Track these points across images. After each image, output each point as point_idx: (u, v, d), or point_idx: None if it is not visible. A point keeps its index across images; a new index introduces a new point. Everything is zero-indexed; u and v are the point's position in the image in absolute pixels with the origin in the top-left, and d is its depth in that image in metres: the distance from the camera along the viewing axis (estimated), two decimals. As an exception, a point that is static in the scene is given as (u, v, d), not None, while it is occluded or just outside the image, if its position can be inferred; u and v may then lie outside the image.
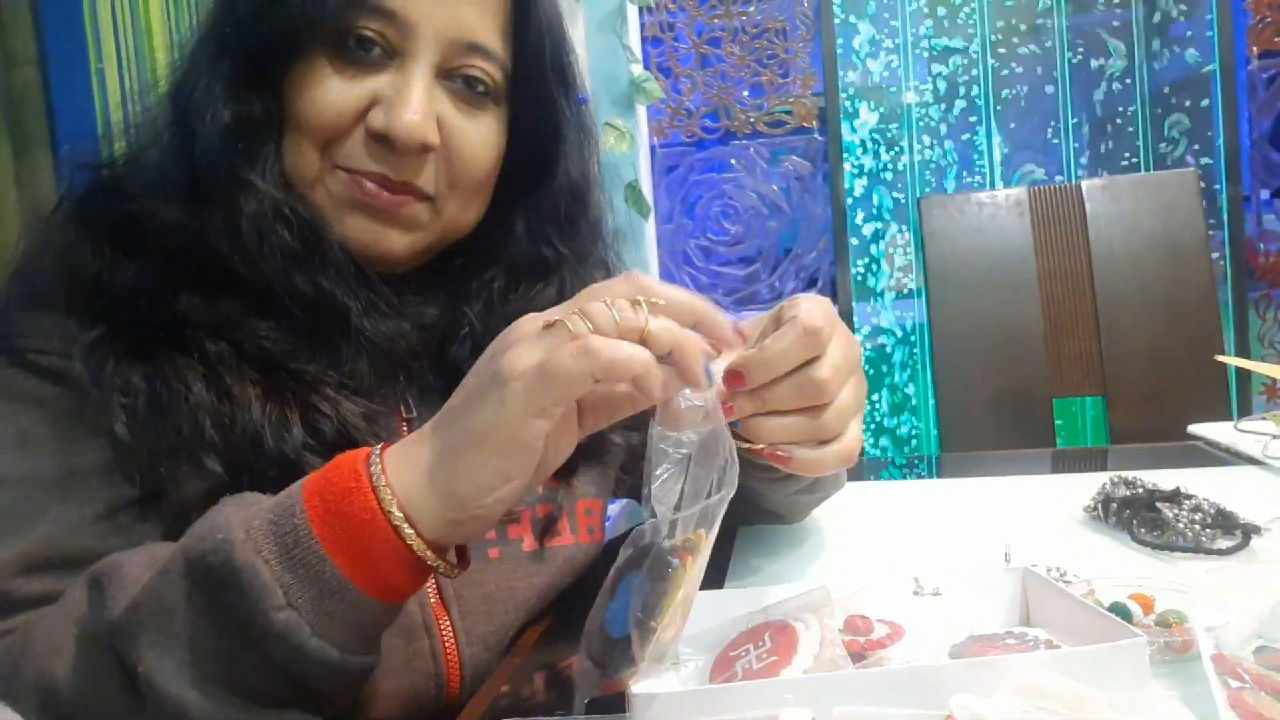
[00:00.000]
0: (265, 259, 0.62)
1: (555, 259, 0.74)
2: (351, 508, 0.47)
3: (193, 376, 0.60)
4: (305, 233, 0.63)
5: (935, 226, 1.55)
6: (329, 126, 0.63)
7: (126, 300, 0.61)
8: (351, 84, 0.63)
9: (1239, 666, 0.45)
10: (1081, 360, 1.51)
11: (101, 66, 2.57)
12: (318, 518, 0.47)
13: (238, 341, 0.62)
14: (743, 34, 2.71)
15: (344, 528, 0.46)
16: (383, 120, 0.63)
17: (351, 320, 0.64)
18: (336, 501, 0.47)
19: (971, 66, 2.65)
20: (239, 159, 0.63)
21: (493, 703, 0.57)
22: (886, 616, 0.55)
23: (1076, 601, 0.52)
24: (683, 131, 2.76)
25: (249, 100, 0.63)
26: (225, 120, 0.63)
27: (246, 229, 0.62)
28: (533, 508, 0.72)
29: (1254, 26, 2.52)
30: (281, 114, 0.64)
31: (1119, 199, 1.52)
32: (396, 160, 0.64)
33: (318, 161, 0.65)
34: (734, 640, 0.53)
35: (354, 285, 0.65)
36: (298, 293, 0.63)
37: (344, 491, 0.47)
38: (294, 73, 0.64)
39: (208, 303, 0.62)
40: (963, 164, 2.67)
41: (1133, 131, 2.59)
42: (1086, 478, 0.97)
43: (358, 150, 0.64)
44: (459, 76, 0.66)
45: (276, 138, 0.64)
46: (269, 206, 0.63)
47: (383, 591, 0.48)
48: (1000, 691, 0.43)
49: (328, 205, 0.66)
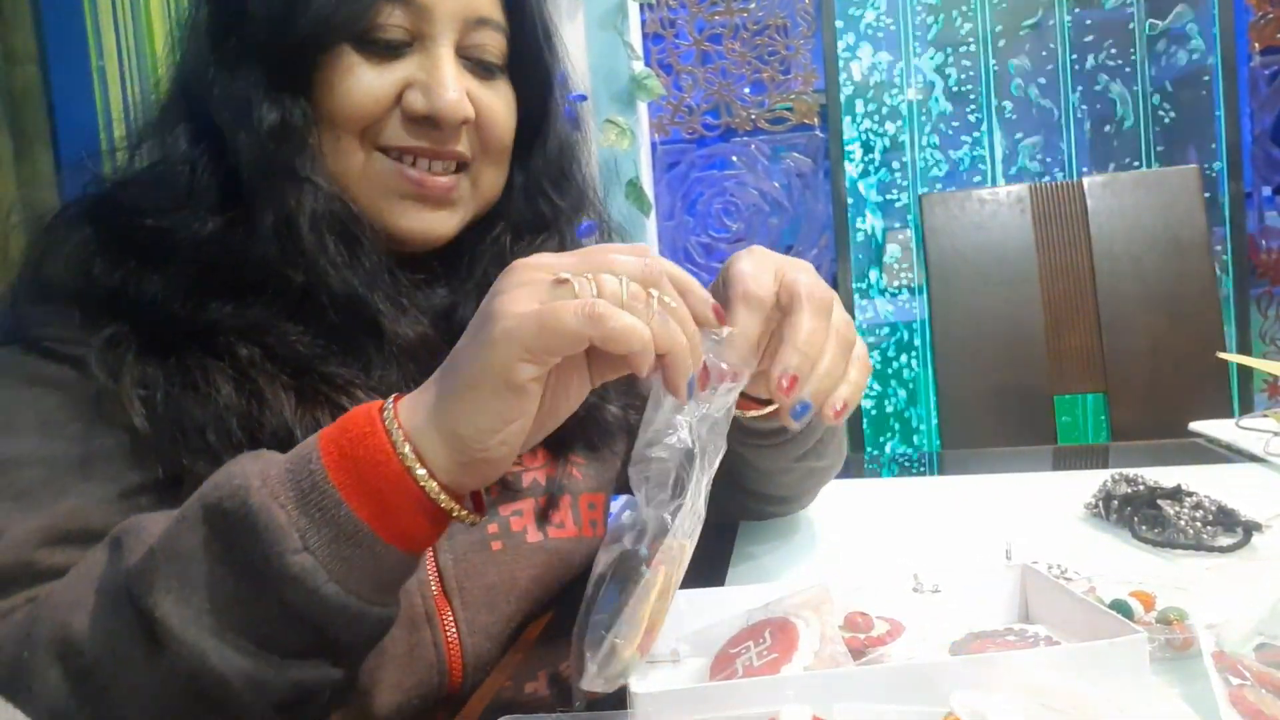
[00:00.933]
0: (319, 258, 0.63)
1: (553, 213, 0.77)
2: (366, 451, 0.46)
3: (222, 379, 0.60)
4: (354, 231, 0.65)
5: (936, 223, 1.55)
6: (367, 114, 0.66)
7: (147, 305, 0.62)
8: (382, 71, 0.66)
9: (1240, 663, 0.45)
10: (1083, 357, 1.51)
11: (102, 64, 2.57)
12: (333, 463, 0.47)
13: (269, 345, 0.63)
14: (744, 30, 2.70)
15: (359, 471, 0.46)
16: (423, 102, 0.66)
17: (384, 325, 0.65)
18: (351, 447, 0.47)
19: (973, 63, 2.64)
20: (292, 159, 0.64)
21: (495, 697, 0.57)
22: (887, 613, 0.55)
23: (1076, 598, 0.52)
24: (684, 128, 2.75)
25: (288, 102, 0.65)
26: (272, 122, 0.64)
27: (305, 229, 0.63)
28: (536, 499, 0.72)
29: (1255, 23, 2.52)
30: (315, 114, 0.66)
31: (1120, 196, 1.52)
32: (439, 135, 0.67)
33: (359, 152, 0.67)
34: (734, 637, 0.53)
35: (387, 287, 0.66)
36: (338, 295, 0.64)
37: (358, 437, 0.47)
38: (323, 69, 0.65)
39: (236, 309, 0.63)
40: (964, 161, 2.67)
41: (1134, 128, 2.59)
42: (1087, 475, 0.97)
43: (397, 131, 0.66)
44: (474, 52, 0.69)
45: (316, 137, 0.66)
46: (326, 204, 0.64)
47: (399, 538, 0.48)
48: (1001, 688, 0.43)
49: (375, 196, 0.67)
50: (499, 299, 0.46)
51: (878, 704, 0.44)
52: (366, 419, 0.48)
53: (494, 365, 0.45)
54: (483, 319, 0.47)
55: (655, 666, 0.55)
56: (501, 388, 0.45)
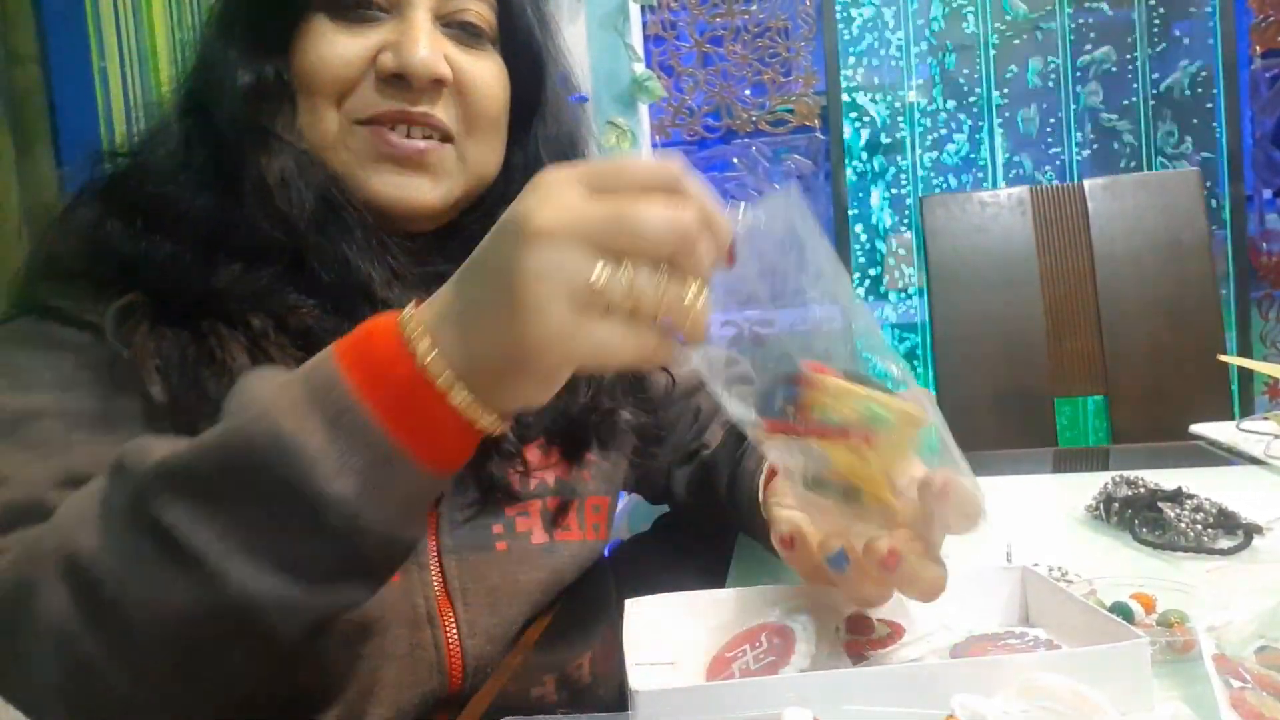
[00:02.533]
0: (296, 217, 0.63)
1: None
2: (396, 373, 0.44)
3: (238, 348, 0.60)
4: (333, 194, 0.65)
5: (937, 226, 1.55)
6: (339, 78, 0.66)
7: (159, 274, 0.62)
8: (356, 37, 0.66)
9: (1240, 666, 0.45)
10: (1083, 360, 1.51)
11: (103, 64, 2.57)
12: (362, 383, 0.45)
13: (278, 315, 0.63)
14: (745, 33, 2.70)
15: (391, 393, 0.44)
16: (393, 60, 0.65)
17: (377, 291, 0.64)
18: (380, 368, 0.45)
19: (974, 64, 2.64)
20: (264, 120, 0.65)
21: (496, 698, 0.57)
22: (887, 616, 0.55)
23: (1077, 601, 0.52)
24: (685, 130, 2.75)
25: (261, 66, 0.66)
26: (246, 84, 0.65)
27: (275, 185, 0.63)
28: (545, 501, 0.72)
29: (1256, 26, 2.52)
30: (292, 81, 0.66)
31: (1121, 198, 1.52)
32: (411, 96, 0.66)
33: (336, 120, 0.67)
34: (730, 641, 0.53)
35: (376, 252, 0.66)
36: (326, 256, 0.64)
37: (387, 358, 0.45)
38: (299, 36, 0.66)
39: (241, 275, 0.63)
40: (965, 163, 2.67)
41: (1135, 130, 2.59)
42: (1088, 477, 0.97)
43: (370, 96, 0.66)
44: (455, 22, 0.69)
45: (291, 103, 0.66)
46: (296, 163, 0.65)
47: (433, 459, 0.46)
48: (1001, 691, 0.43)
49: (352, 164, 0.67)
50: (528, 270, 0.41)
51: (878, 706, 0.44)
52: (392, 337, 0.45)
53: (537, 364, 0.43)
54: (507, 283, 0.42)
55: (651, 669, 0.55)
56: (521, 304, 0.42)
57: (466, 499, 0.68)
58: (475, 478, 0.68)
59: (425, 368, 0.44)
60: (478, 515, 0.68)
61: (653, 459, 0.84)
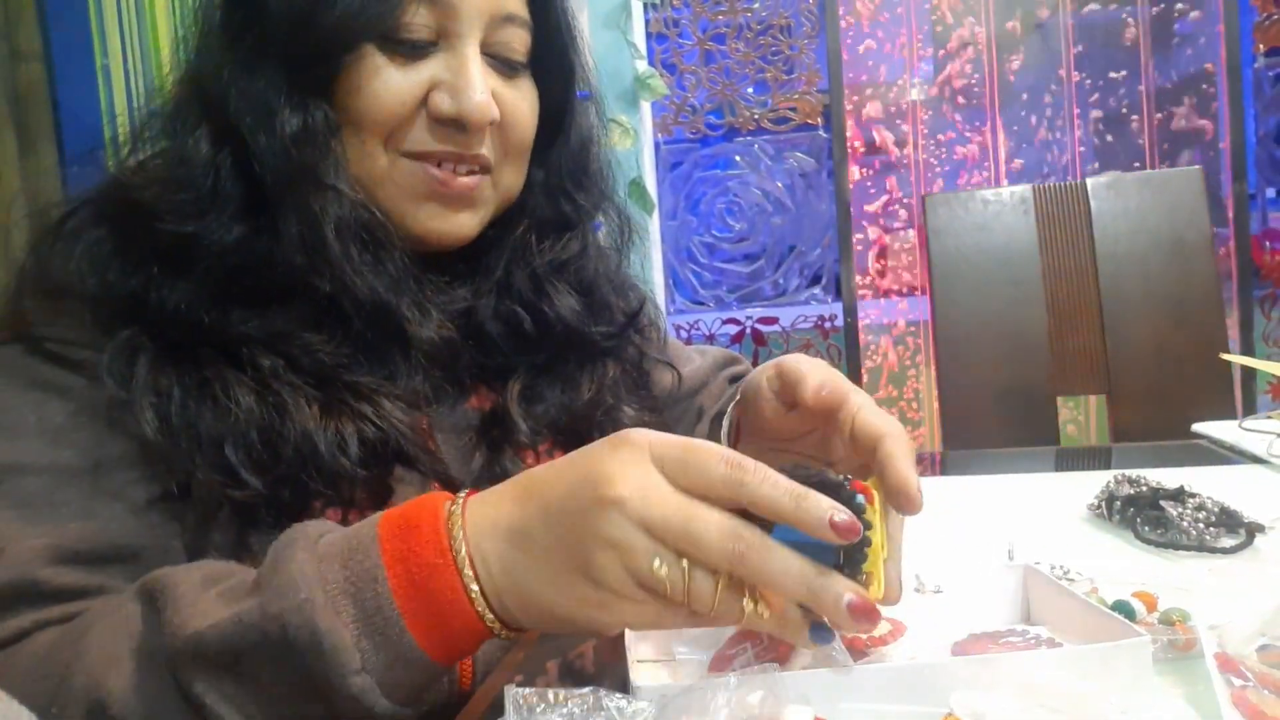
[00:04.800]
0: (344, 266, 0.62)
1: (575, 211, 0.76)
2: (437, 585, 0.46)
3: (243, 390, 0.59)
4: (379, 237, 0.64)
5: (940, 224, 1.55)
6: (393, 117, 0.64)
7: (168, 313, 0.60)
8: (408, 71, 0.64)
9: (1242, 665, 0.45)
10: (1086, 358, 1.50)
11: (106, 62, 2.57)
12: (400, 588, 0.46)
13: (292, 356, 0.62)
14: (747, 30, 2.70)
15: (427, 604, 0.46)
16: (450, 104, 0.64)
17: (409, 330, 0.64)
18: (423, 577, 0.46)
19: (977, 63, 2.64)
20: (316, 165, 0.62)
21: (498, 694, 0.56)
22: (888, 613, 0.55)
23: (1078, 599, 0.52)
24: (687, 128, 2.75)
25: (310, 105, 0.63)
26: (294, 127, 0.62)
27: (331, 236, 0.62)
28: None
29: (1260, 24, 2.51)
30: (338, 116, 0.64)
31: (1124, 197, 1.52)
32: (465, 138, 0.66)
33: (383, 156, 0.65)
34: (731, 639, 0.53)
35: (413, 292, 0.65)
36: (364, 303, 0.63)
37: (429, 568, 0.46)
38: (346, 71, 0.63)
39: (260, 318, 0.62)
40: (967, 161, 2.66)
41: (1138, 128, 2.58)
42: (1090, 475, 0.97)
43: (422, 135, 0.65)
44: (499, 50, 0.68)
45: (338, 139, 0.64)
46: (351, 211, 0.63)
47: (449, 658, 0.48)
48: (1001, 689, 0.43)
49: (399, 199, 0.66)
50: (599, 533, 0.43)
51: (879, 704, 0.44)
52: (436, 547, 0.46)
53: (573, 616, 0.45)
54: (573, 538, 0.44)
55: (654, 665, 0.55)
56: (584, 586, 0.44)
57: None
58: (490, 475, 0.68)
59: (470, 598, 0.46)
60: None
61: None
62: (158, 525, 0.59)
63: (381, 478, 0.62)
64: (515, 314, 0.72)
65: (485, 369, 0.72)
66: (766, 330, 2.79)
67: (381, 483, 0.62)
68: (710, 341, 2.82)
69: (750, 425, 0.70)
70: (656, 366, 0.84)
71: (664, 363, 0.85)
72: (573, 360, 0.74)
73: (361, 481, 0.61)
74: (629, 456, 0.44)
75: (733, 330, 2.81)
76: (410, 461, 0.63)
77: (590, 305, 0.76)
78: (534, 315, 0.72)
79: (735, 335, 2.80)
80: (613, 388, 0.76)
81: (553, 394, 0.73)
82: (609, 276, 0.79)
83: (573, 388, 0.73)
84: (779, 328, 2.78)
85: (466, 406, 0.71)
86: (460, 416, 0.70)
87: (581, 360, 0.75)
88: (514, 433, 0.69)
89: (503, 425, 0.70)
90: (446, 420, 0.70)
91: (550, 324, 0.72)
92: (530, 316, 0.72)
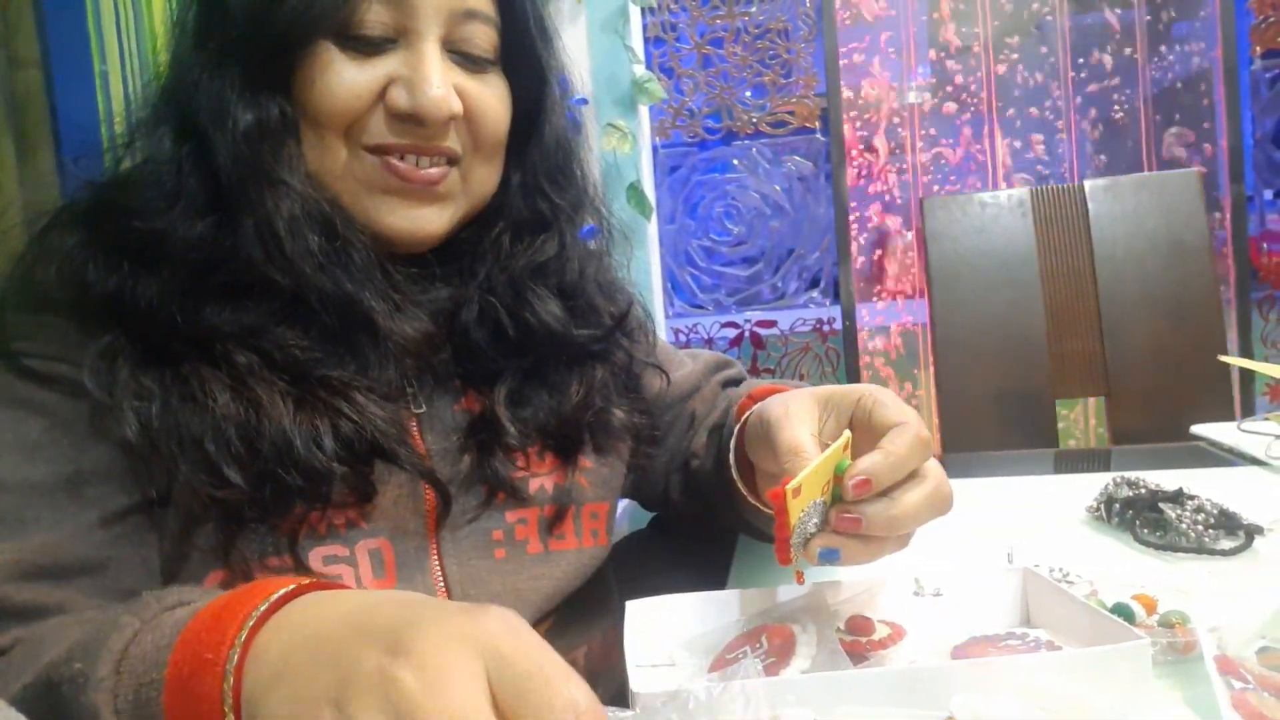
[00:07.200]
0: (302, 261, 0.62)
1: (552, 212, 0.76)
2: (201, 687, 0.41)
3: (219, 387, 0.59)
4: (338, 231, 0.64)
5: (938, 227, 1.55)
6: (349, 111, 0.64)
7: (143, 311, 0.60)
8: (364, 67, 0.64)
9: (1242, 667, 0.45)
10: (1084, 360, 1.50)
11: (104, 69, 2.57)
12: (173, 679, 0.43)
13: (266, 351, 0.62)
14: (745, 34, 2.70)
15: (188, 706, 0.42)
16: (406, 99, 0.64)
17: (378, 323, 0.64)
18: (193, 674, 0.42)
19: (975, 66, 2.64)
20: (268, 161, 0.62)
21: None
22: (888, 617, 0.55)
23: (1078, 602, 0.52)
24: (685, 132, 2.75)
25: (265, 101, 0.63)
26: (248, 123, 0.62)
27: (284, 232, 0.62)
28: (542, 509, 0.72)
29: (1257, 26, 2.52)
30: (296, 112, 0.64)
31: (1122, 199, 1.52)
32: (425, 132, 0.65)
33: (343, 150, 0.65)
34: (731, 643, 0.53)
35: (380, 284, 0.65)
36: (329, 296, 0.63)
37: (201, 665, 0.42)
38: (303, 67, 0.64)
39: (232, 313, 0.62)
40: (965, 164, 2.67)
41: (1135, 131, 2.59)
42: (1089, 478, 0.97)
43: (380, 129, 0.65)
44: (461, 47, 0.67)
45: (295, 135, 0.64)
46: (304, 207, 0.63)
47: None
48: (1001, 692, 0.43)
49: (359, 193, 0.66)
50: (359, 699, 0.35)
51: (878, 707, 0.44)
52: (215, 650, 0.42)
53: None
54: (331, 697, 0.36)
55: (653, 669, 0.55)
56: None
57: (470, 500, 0.68)
58: (479, 475, 0.68)
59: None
60: (478, 517, 0.68)
61: (648, 459, 0.84)
62: (130, 535, 0.59)
63: (363, 474, 0.62)
64: (498, 319, 0.72)
65: (472, 373, 0.72)
66: (765, 334, 2.79)
67: (363, 479, 0.62)
68: (709, 345, 2.82)
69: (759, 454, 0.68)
70: (646, 370, 0.84)
71: (653, 366, 0.85)
72: (560, 364, 0.74)
73: (341, 478, 0.61)
74: (446, 671, 0.34)
75: (731, 333, 2.81)
76: (390, 457, 0.63)
77: (575, 308, 0.75)
78: (516, 321, 0.72)
79: (734, 339, 2.80)
80: (602, 390, 0.75)
81: (540, 398, 0.72)
82: (595, 278, 0.79)
83: (560, 391, 0.73)
84: (777, 331, 2.78)
85: (456, 409, 0.71)
86: (450, 418, 0.71)
87: (569, 363, 0.74)
88: (502, 436, 0.69)
89: (491, 429, 0.70)
90: (437, 420, 0.70)
91: (533, 329, 0.72)
92: (513, 322, 0.72)
